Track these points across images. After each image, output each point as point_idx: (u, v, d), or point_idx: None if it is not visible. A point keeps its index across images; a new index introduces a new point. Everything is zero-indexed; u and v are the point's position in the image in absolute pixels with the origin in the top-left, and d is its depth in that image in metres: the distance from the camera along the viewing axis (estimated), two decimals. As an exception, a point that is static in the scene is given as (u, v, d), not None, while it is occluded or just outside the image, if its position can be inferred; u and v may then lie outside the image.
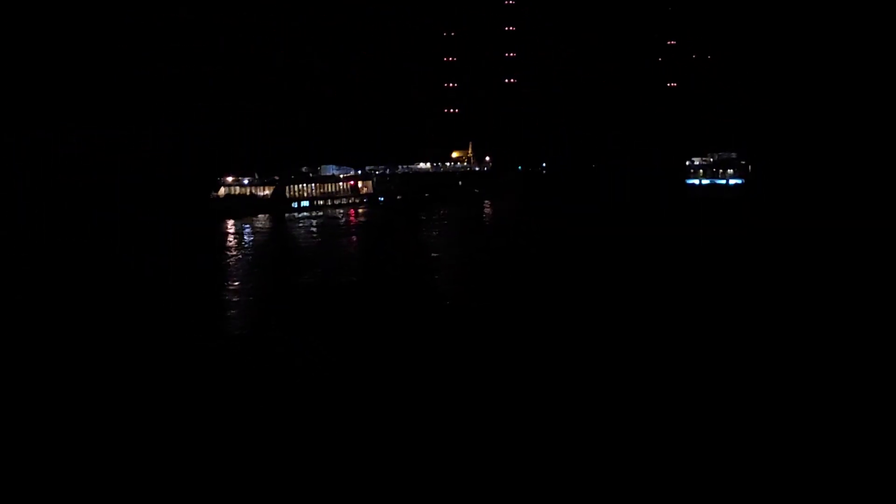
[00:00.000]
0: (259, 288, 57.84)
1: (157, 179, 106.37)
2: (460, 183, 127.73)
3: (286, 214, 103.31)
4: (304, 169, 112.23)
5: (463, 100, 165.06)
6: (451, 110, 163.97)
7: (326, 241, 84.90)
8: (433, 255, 74.18)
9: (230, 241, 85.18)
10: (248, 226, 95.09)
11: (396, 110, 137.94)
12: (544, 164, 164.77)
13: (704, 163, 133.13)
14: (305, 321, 44.54)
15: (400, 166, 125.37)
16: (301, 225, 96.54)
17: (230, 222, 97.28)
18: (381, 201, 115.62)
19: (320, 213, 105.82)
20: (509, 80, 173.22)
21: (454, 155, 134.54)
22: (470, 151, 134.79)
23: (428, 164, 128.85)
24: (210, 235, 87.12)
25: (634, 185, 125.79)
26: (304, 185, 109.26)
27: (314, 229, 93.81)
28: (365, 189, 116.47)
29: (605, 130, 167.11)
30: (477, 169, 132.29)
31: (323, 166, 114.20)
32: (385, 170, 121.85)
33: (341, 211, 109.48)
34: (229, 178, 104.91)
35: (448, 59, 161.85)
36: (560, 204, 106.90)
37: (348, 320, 44.37)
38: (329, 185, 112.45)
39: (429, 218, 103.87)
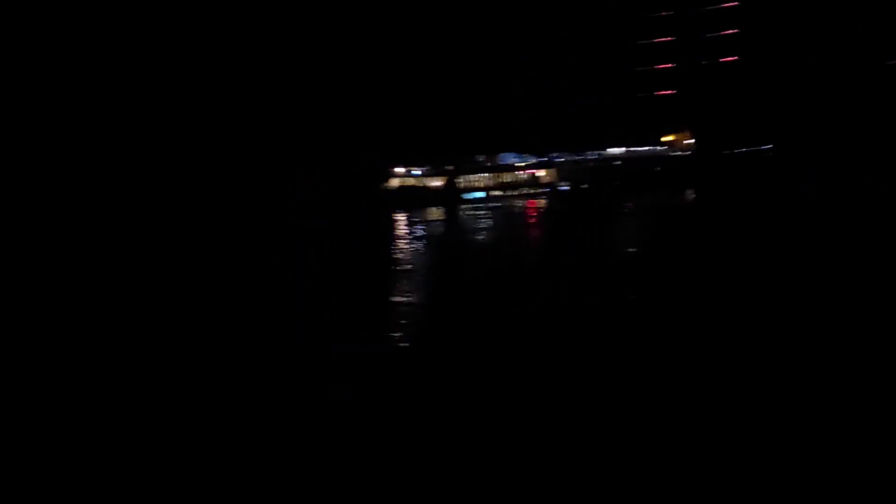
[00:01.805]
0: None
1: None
2: (658, 169, 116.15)
3: (459, 206, 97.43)
4: (479, 157, 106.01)
5: (679, 81, 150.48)
6: (664, 92, 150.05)
7: (507, 232, 77.84)
8: (628, 250, 64.83)
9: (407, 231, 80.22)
10: (418, 218, 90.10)
11: (584, 93, 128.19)
12: (769, 146, 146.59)
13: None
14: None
15: (588, 152, 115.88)
16: (473, 216, 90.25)
17: (400, 215, 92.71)
18: (563, 190, 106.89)
19: (497, 205, 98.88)
20: (728, 58, 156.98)
21: (666, 139, 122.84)
22: (684, 135, 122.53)
23: (622, 150, 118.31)
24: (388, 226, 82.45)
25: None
26: (479, 174, 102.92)
27: (487, 221, 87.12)
28: (547, 178, 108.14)
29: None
30: (679, 154, 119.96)
31: (500, 154, 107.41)
32: (571, 157, 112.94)
33: (519, 202, 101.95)
34: (400, 169, 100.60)
35: (662, 39, 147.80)
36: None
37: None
38: (506, 174, 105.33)
39: (617, 208, 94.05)
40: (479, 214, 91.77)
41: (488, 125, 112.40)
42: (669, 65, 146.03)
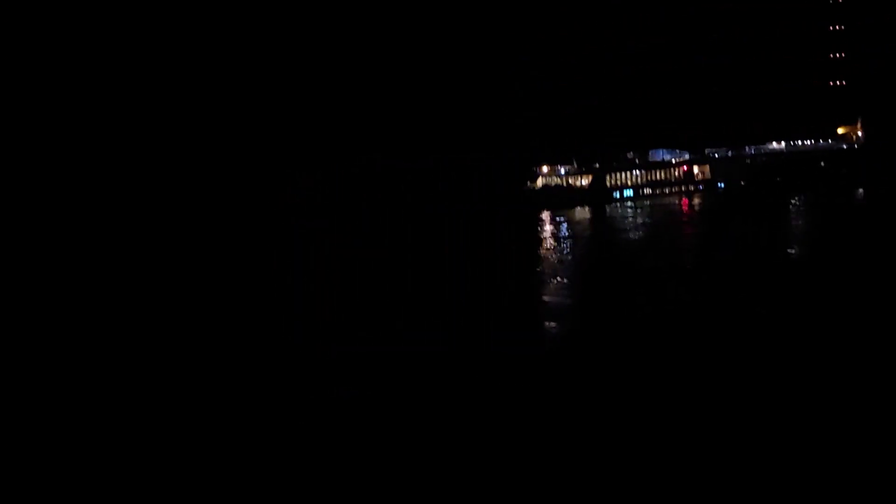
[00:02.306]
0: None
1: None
2: (822, 164, 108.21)
3: (607, 205, 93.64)
4: (629, 155, 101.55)
5: (852, 71, 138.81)
6: (837, 83, 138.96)
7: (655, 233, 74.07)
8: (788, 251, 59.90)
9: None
10: (562, 217, 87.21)
11: (747, 86, 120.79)
12: None
13: None
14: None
15: (747, 147, 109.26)
16: (621, 216, 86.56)
17: (545, 214, 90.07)
18: (720, 187, 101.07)
19: (646, 203, 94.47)
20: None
21: (840, 132, 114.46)
22: (858, 127, 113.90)
23: (783, 144, 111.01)
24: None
25: None
26: (628, 172, 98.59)
27: (635, 221, 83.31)
28: (701, 175, 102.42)
29: None
30: (846, 147, 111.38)
31: (652, 150, 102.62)
32: (727, 152, 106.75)
33: (672, 200, 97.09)
34: (545, 168, 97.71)
35: (836, 27, 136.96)
36: None
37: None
38: (658, 171, 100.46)
39: (778, 206, 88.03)
40: (628, 214, 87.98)
41: (639, 120, 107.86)
42: (840, 54, 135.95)
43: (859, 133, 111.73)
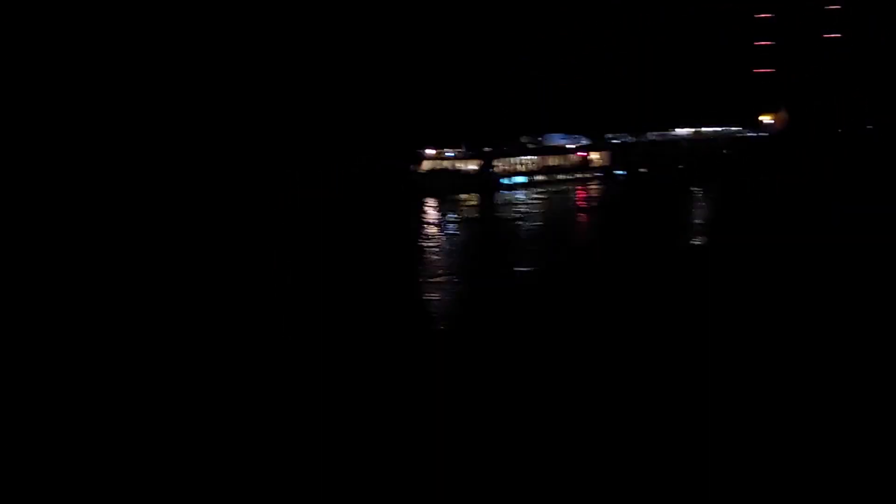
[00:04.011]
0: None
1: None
2: (725, 151, 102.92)
3: (496, 192, 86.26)
4: (522, 139, 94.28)
5: (778, 58, 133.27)
6: (762, 70, 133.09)
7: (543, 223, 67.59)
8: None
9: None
10: (449, 205, 79.71)
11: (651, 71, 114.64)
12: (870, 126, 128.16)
13: None
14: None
15: (650, 134, 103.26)
16: (510, 204, 79.46)
17: (431, 201, 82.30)
18: (618, 175, 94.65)
19: (540, 190, 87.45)
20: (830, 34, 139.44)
21: (763, 119, 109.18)
22: (781, 114, 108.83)
23: (688, 130, 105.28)
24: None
25: None
26: (520, 157, 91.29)
27: (523, 209, 76.34)
28: (599, 161, 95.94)
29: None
30: (752, 134, 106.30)
31: (547, 135, 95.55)
32: (627, 138, 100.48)
33: (566, 187, 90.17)
34: (431, 151, 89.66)
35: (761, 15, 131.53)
36: None
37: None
38: (552, 157, 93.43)
39: (679, 195, 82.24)
40: (517, 202, 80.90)
41: (534, 104, 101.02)
42: (768, 42, 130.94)
43: (782, 121, 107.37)
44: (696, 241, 56.89)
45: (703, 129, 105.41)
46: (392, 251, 55.96)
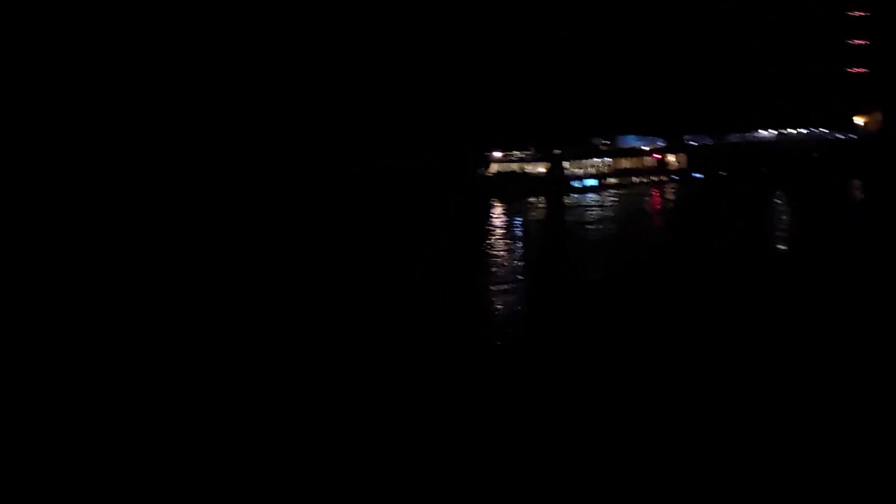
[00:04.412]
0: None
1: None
2: (815, 155, 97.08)
3: (565, 195, 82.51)
4: (594, 140, 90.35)
5: (873, 58, 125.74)
6: (855, 70, 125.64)
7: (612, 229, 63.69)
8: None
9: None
10: (514, 208, 76.36)
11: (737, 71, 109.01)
12: None
13: None
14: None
15: (732, 135, 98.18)
16: (578, 208, 75.57)
17: (498, 205, 79.06)
18: (696, 178, 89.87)
19: (612, 193, 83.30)
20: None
21: (857, 120, 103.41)
22: (876, 116, 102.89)
23: (772, 132, 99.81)
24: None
25: None
26: (591, 159, 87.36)
27: (591, 213, 72.36)
28: (677, 164, 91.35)
29: None
30: (842, 137, 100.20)
31: (620, 137, 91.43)
32: (706, 140, 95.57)
33: (640, 190, 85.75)
34: (498, 153, 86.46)
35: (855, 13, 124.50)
36: None
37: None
38: (626, 159, 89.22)
39: (761, 198, 77.09)
40: (587, 205, 76.93)
41: (609, 104, 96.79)
42: (862, 41, 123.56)
43: (877, 123, 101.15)
44: (781, 246, 52.45)
45: (789, 130, 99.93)
46: (461, 256, 52.97)
